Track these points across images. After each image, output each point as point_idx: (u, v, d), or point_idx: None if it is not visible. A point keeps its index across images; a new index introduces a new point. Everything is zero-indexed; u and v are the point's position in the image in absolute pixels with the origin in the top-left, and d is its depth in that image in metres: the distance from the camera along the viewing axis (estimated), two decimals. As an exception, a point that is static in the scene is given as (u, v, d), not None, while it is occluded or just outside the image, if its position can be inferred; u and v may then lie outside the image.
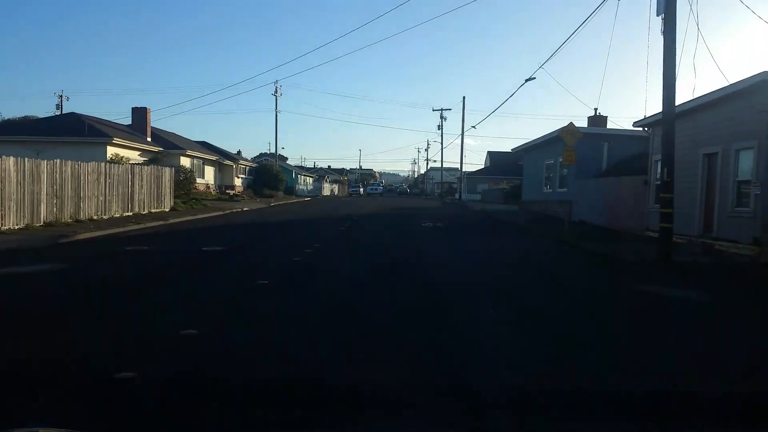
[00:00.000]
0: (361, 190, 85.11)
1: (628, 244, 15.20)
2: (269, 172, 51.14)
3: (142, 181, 22.82)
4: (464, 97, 63.80)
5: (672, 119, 12.36)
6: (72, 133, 30.12)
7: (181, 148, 37.00)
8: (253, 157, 73.20)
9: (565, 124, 28.70)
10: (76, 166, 18.27)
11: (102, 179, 19.85)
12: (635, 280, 10.00)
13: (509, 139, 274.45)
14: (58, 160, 17.50)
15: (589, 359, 5.15)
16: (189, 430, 3.42)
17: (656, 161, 18.19)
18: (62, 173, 17.49)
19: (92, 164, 19.28)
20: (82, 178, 18.54)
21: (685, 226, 15.03)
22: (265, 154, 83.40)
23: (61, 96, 56.72)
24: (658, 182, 18.01)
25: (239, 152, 59.28)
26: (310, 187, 79.71)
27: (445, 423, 3.60)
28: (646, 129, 19.14)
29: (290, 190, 60.67)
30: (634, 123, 19.14)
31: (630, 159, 23.02)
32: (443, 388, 4.14)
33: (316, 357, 4.89)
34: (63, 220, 17.35)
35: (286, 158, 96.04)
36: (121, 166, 21.91)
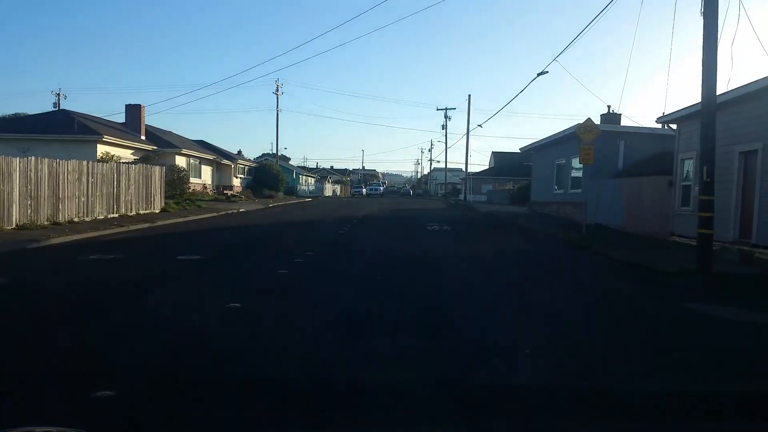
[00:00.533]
0: (364, 190, 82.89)
1: (656, 252, 13.77)
2: (269, 172, 49.76)
3: (129, 180, 21.43)
4: (470, 95, 62.41)
5: (713, 111, 10.90)
6: (61, 130, 28.83)
7: (177, 147, 35.64)
8: (256, 157, 71.83)
9: (573, 123, 27.31)
10: (54, 164, 16.89)
11: (84, 178, 18.46)
12: (682, 297, 8.56)
13: (514, 139, 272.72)
14: (33, 158, 16.13)
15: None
16: None
17: (682, 160, 16.78)
18: (38, 172, 16.11)
19: (72, 162, 17.90)
20: (60, 177, 17.16)
21: (717, 231, 13.55)
22: (268, 154, 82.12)
23: (59, 94, 55.50)
24: (685, 183, 16.71)
25: (240, 152, 57.95)
26: (311, 188, 78.39)
27: None
28: (669, 126, 17.65)
29: (291, 191, 59.31)
30: (658, 119, 17.66)
31: (650, 158, 21.55)
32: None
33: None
34: (39, 223, 15.97)
35: (289, 158, 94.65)
36: (105, 164, 20.54)
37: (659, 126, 28.85)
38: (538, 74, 21.73)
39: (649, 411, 3.97)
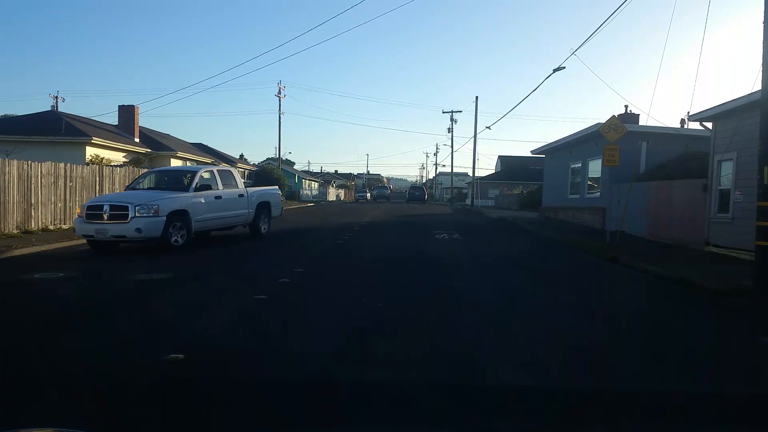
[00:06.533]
0: (368, 194, 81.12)
1: (695, 265, 12.11)
2: (270, 177, 48.20)
3: (113, 184, 19.92)
4: (477, 97, 60.68)
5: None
6: (48, 132, 27.35)
7: (172, 150, 34.17)
8: (260, 161, 70.68)
9: (584, 127, 25.78)
10: (25, 166, 15.40)
11: (61, 182, 16.97)
12: (754, 328, 6.94)
13: (520, 143, 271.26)
14: (-1, 159, 14.65)
15: None
16: None
17: (719, 162, 15.10)
18: (5, 174, 14.61)
19: (47, 164, 16.39)
20: (33, 181, 15.67)
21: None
22: (273, 158, 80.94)
23: (57, 97, 54.08)
24: (723, 187, 15.05)
25: (242, 156, 56.77)
26: (315, 192, 76.86)
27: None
28: (704, 124, 15.97)
29: (293, 195, 57.87)
30: (692, 116, 16.00)
31: (676, 160, 19.88)
32: None
33: None
34: (6, 231, 14.47)
35: (294, 163, 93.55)
36: (86, 167, 19.02)
37: (679, 126, 27.49)
38: (555, 70, 20.17)
39: None
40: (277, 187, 20.30)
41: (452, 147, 63.62)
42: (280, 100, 52.12)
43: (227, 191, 14.54)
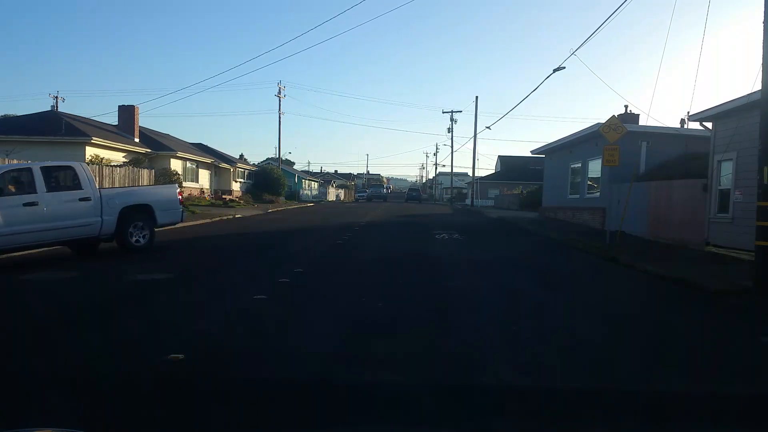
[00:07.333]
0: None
1: (695, 265, 12.11)
2: (270, 176, 48.25)
3: (113, 184, 19.93)
4: (477, 97, 60.61)
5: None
6: (48, 132, 27.36)
7: (172, 150, 34.17)
8: (261, 161, 70.64)
9: (583, 127, 25.85)
10: (25, 166, 15.38)
11: (61, 182, 16.93)
12: (753, 328, 6.93)
13: (520, 143, 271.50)
14: (-1, 159, 14.62)
15: None
16: None
17: (719, 162, 15.10)
18: (5, 175, 14.60)
19: (47, 164, 16.38)
20: (32, 181, 15.64)
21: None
22: (273, 158, 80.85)
23: (57, 97, 54.01)
24: (722, 187, 15.06)
25: (242, 156, 56.75)
26: (314, 192, 76.85)
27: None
28: (703, 124, 15.96)
29: (293, 195, 57.86)
30: (692, 116, 15.98)
31: (676, 160, 19.88)
32: None
33: None
34: (5, 231, 14.44)
35: (293, 163, 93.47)
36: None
37: (679, 126, 27.49)
38: (555, 70, 20.16)
39: None
40: (176, 185, 15.12)
41: (452, 147, 63.84)
42: (279, 100, 52.19)
43: (54, 195, 10.81)
